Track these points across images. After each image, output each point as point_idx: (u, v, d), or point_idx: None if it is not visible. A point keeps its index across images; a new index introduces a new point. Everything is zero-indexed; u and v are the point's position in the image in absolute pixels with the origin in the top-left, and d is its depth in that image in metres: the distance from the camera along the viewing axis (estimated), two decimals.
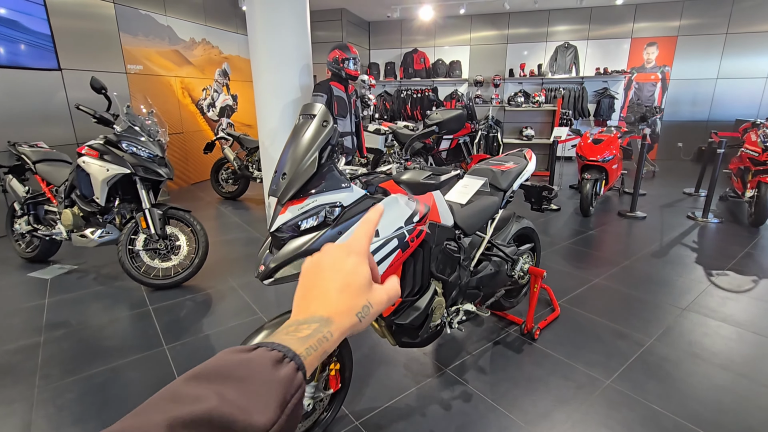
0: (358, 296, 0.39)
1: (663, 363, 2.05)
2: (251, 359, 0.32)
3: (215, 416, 0.27)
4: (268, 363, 0.32)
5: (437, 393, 1.87)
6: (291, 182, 1.25)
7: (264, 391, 0.30)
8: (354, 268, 0.41)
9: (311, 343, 0.35)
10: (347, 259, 0.41)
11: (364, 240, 0.43)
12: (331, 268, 0.41)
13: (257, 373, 0.31)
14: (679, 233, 3.99)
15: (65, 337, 2.30)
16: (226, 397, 0.28)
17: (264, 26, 3.31)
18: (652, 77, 7.95)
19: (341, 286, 0.39)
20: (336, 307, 0.38)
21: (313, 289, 0.40)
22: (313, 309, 0.38)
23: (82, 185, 2.77)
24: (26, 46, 4.03)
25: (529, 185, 2.31)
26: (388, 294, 0.42)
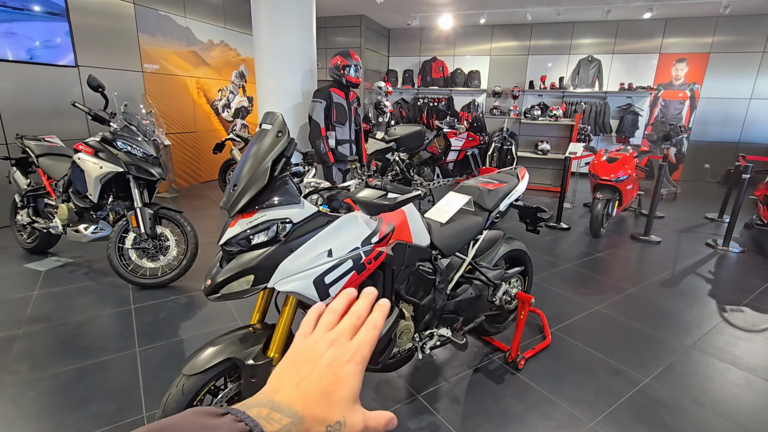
0: (338, 407, 0.36)
1: (656, 407, 1.88)
2: (215, 428, 0.30)
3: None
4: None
5: (404, 421, 1.76)
6: (240, 195, 1.19)
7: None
8: (347, 377, 0.37)
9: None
10: (345, 365, 0.37)
11: (368, 349, 0.39)
12: (327, 365, 0.37)
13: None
14: (694, 261, 3.75)
15: (43, 332, 2.30)
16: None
17: (269, 31, 3.30)
18: (680, 95, 7.63)
19: (327, 389, 0.36)
20: (312, 409, 0.35)
21: (299, 373, 0.37)
22: (294, 398, 0.35)
23: (77, 181, 2.80)
24: (45, 43, 4.15)
25: (522, 205, 2.19)
26: (365, 424, 0.37)
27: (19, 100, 4.01)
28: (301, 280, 1.21)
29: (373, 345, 0.40)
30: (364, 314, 0.42)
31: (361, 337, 0.40)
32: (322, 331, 0.41)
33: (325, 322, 0.41)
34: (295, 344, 0.41)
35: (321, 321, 0.42)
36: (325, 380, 0.36)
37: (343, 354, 0.38)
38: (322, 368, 0.37)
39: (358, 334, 0.40)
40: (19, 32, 3.92)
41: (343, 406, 0.36)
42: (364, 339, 0.40)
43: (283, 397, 0.35)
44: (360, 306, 0.42)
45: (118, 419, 1.71)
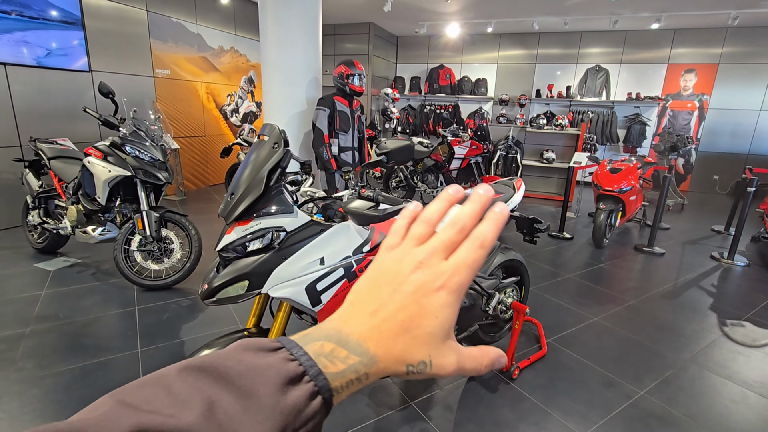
0: (421, 345, 0.30)
1: (649, 420, 1.88)
2: (262, 369, 0.26)
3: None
4: (280, 379, 0.26)
5: (396, 428, 1.78)
6: (236, 203, 1.23)
7: (262, 414, 0.25)
8: (436, 309, 0.30)
9: (341, 382, 0.28)
10: (435, 293, 0.30)
11: (467, 273, 0.31)
12: (411, 292, 0.30)
13: (265, 391, 0.26)
14: (698, 274, 3.72)
15: (49, 331, 2.37)
16: (216, 408, 0.24)
17: (275, 39, 3.38)
18: (689, 105, 7.58)
19: (408, 322, 0.30)
20: (388, 346, 0.29)
21: (378, 299, 0.31)
22: (367, 331, 0.29)
23: (86, 184, 2.88)
24: (60, 49, 4.28)
25: (518, 216, 2.21)
26: (459, 365, 0.31)
27: (33, 103, 4.14)
28: (294, 286, 1.25)
29: (475, 267, 0.31)
30: (468, 225, 0.32)
31: (459, 257, 0.31)
32: (410, 245, 0.32)
33: (416, 234, 0.33)
34: (377, 259, 0.33)
35: (412, 231, 0.33)
36: (406, 311, 0.30)
37: (433, 278, 0.30)
38: (404, 295, 0.30)
39: (457, 252, 0.31)
40: (34, 39, 4.06)
41: (428, 343, 0.30)
42: (463, 260, 0.31)
43: (354, 329, 0.30)
44: (465, 213, 0.32)
45: None
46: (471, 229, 0.31)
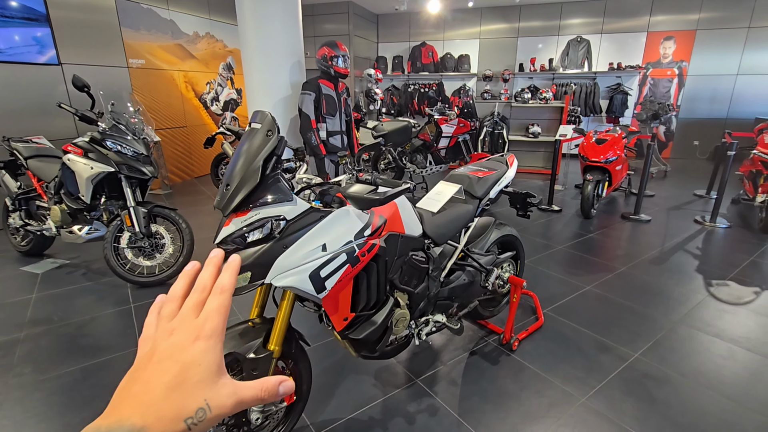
0: (192, 395, 0.31)
1: (644, 381, 1.96)
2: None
3: None
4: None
5: (403, 405, 1.82)
6: (233, 194, 1.21)
7: None
8: (198, 357, 0.32)
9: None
10: (192, 346, 0.32)
11: (218, 317, 0.34)
12: (168, 356, 0.32)
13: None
14: (683, 238, 3.83)
15: (45, 334, 2.33)
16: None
17: (254, 23, 3.27)
18: (668, 73, 7.65)
19: (173, 382, 0.30)
20: (157, 411, 0.29)
21: (137, 383, 0.31)
22: (126, 412, 0.29)
23: (68, 183, 2.79)
24: (26, 42, 4.07)
25: (512, 191, 2.23)
26: (239, 397, 0.32)
27: (1, 100, 3.95)
28: (297, 275, 1.24)
29: (224, 311, 0.34)
30: (209, 284, 0.36)
31: (207, 308, 0.34)
32: (163, 324, 0.34)
33: (165, 314, 0.35)
34: (138, 354, 0.34)
35: (161, 313, 0.36)
36: (169, 373, 0.31)
37: (187, 335, 0.33)
38: (162, 362, 0.31)
39: (205, 306, 0.34)
40: None
41: (201, 389, 0.31)
42: (211, 309, 0.34)
43: (121, 413, 0.29)
44: (204, 277, 0.37)
45: None
46: (212, 286, 0.36)
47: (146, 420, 0.29)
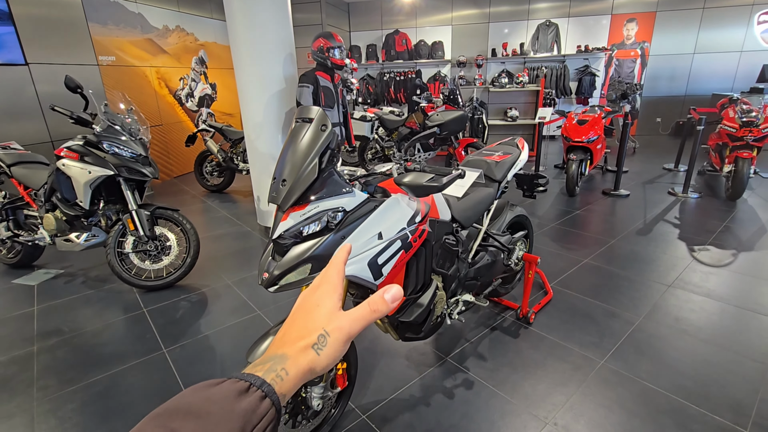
0: (315, 328, 0.39)
1: (652, 340, 2.14)
2: (213, 394, 0.33)
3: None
4: (231, 395, 0.33)
5: (440, 382, 1.92)
6: (292, 189, 1.24)
7: (222, 424, 0.31)
8: (318, 299, 0.41)
9: (270, 377, 0.36)
10: (314, 293, 0.42)
11: (334, 271, 0.44)
12: (302, 307, 0.42)
13: (217, 407, 0.32)
14: (661, 210, 4.11)
15: (59, 346, 2.26)
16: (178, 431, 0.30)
17: (243, 15, 3.19)
18: (632, 53, 8.02)
19: (304, 323, 0.40)
20: (294, 342, 0.39)
21: (287, 330, 0.41)
22: (279, 344, 0.39)
23: (63, 189, 2.68)
24: None
25: (521, 173, 2.34)
26: (350, 318, 0.40)
27: None
28: (357, 263, 1.29)
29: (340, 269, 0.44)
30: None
31: (329, 265, 0.45)
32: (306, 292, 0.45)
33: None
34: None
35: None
36: (301, 319, 0.41)
37: (311, 290, 0.43)
38: (300, 312, 0.42)
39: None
40: None
41: (320, 324, 0.39)
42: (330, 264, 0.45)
43: (275, 348, 0.40)
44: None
45: None
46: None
47: (285, 349, 0.38)
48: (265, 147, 3.52)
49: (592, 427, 1.64)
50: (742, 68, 7.58)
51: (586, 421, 1.67)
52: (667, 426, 1.63)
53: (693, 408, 1.71)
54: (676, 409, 1.70)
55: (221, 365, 2.07)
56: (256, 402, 0.34)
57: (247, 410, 0.33)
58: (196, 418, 0.31)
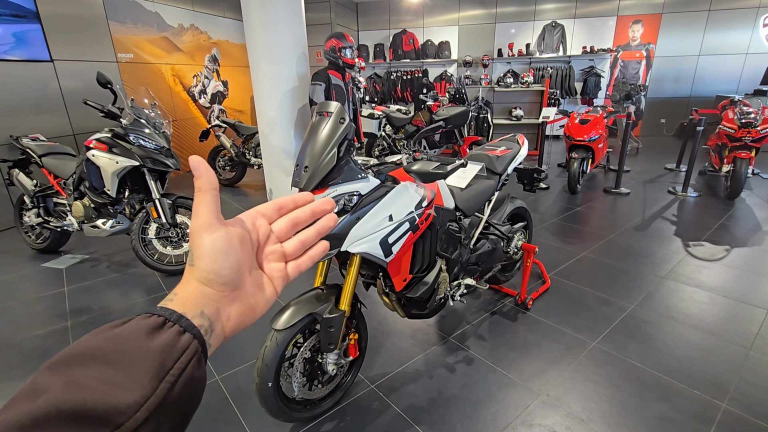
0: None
1: (642, 325, 2.29)
2: (119, 334, 0.29)
3: (63, 407, 0.24)
4: (142, 333, 0.30)
5: (442, 358, 2.08)
6: (313, 175, 1.40)
7: (131, 364, 0.28)
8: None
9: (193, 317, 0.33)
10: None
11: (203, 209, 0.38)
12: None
13: (126, 347, 0.29)
14: (660, 207, 4.23)
15: (91, 322, 2.45)
16: (77, 382, 0.26)
17: (260, 16, 3.36)
18: (637, 55, 8.11)
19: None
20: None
21: None
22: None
23: (92, 178, 2.86)
24: (17, 39, 4.00)
25: (521, 168, 2.48)
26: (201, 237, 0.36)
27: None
28: (370, 242, 1.45)
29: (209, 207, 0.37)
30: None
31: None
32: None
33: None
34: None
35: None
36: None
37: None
38: None
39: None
40: None
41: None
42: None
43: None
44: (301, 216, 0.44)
45: None
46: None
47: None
48: (278, 142, 3.70)
49: (581, 398, 1.79)
50: (747, 70, 7.65)
51: (576, 393, 1.82)
52: (650, 398, 1.77)
53: (675, 384, 1.85)
54: (660, 385, 1.85)
55: (240, 342, 2.25)
56: (174, 336, 0.30)
57: (164, 346, 0.29)
58: (101, 362, 0.27)
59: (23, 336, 2.33)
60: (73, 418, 0.24)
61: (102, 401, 0.25)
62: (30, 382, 0.27)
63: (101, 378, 0.27)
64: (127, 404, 0.26)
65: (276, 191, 3.92)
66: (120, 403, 0.26)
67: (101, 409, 0.25)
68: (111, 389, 0.26)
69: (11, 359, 2.13)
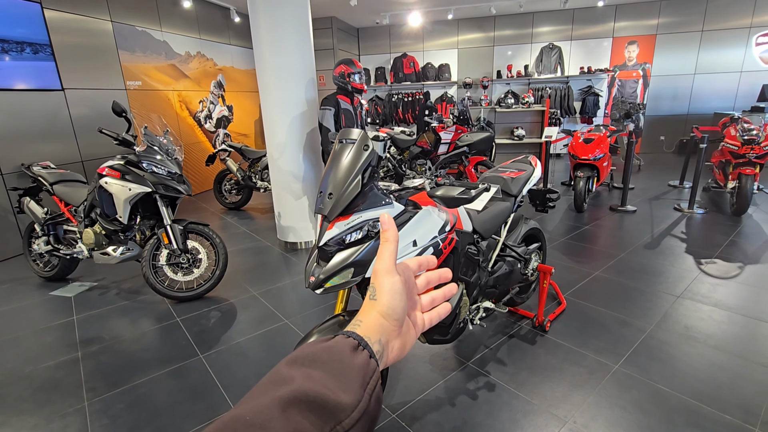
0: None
1: (663, 347, 2.25)
2: (331, 346, 0.36)
3: (308, 394, 0.31)
4: (347, 350, 0.36)
5: (463, 385, 2.03)
6: (338, 202, 1.40)
7: (345, 373, 0.34)
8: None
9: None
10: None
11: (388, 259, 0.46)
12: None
13: (337, 358, 0.35)
14: (668, 225, 4.23)
15: (101, 351, 2.41)
16: (312, 377, 0.33)
17: (270, 43, 3.44)
18: (634, 74, 8.27)
19: None
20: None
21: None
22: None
23: (104, 205, 2.86)
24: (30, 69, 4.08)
25: (534, 189, 2.49)
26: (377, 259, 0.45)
27: (7, 128, 3.93)
28: None
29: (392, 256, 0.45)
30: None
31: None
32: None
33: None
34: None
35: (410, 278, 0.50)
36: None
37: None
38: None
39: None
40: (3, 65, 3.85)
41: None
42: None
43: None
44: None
45: (211, 415, 1.88)
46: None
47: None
48: (288, 165, 3.72)
49: (609, 425, 1.74)
50: (743, 88, 7.79)
51: (603, 419, 1.77)
52: (680, 424, 1.73)
53: (704, 408, 1.81)
54: (688, 409, 1.80)
55: (257, 370, 2.20)
56: (366, 359, 0.37)
57: (362, 365, 0.36)
58: (321, 365, 0.34)
59: (33, 367, 2.28)
60: (314, 405, 0.31)
61: (332, 397, 0.32)
62: (273, 373, 0.34)
63: (324, 378, 0.33)
64: (347, 404, 0.32)
65: (284, 214, 3.92)
66: (342, 402, 0.32)
67: (331, 404, 0.31)
68: (333, 389, 0.32)
69: (21, 392, 2.08)
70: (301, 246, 3.98)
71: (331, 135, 3.26)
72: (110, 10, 4.90)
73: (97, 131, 2.87)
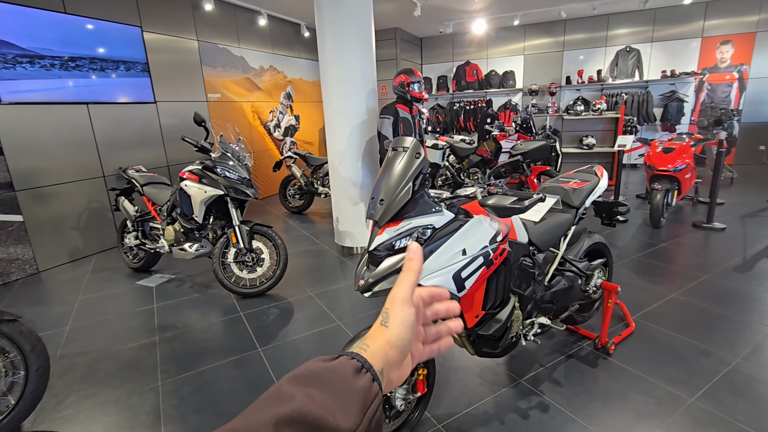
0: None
1: (753, 383, 1.99)
2: (334, 367, 0.36)
3: (307, 416, 0.31)
4: (349, 372, 0.36)
5: (514, 402, 1.95)
6: (388, 208, 1.43)
7: (346, 395, 0.34)
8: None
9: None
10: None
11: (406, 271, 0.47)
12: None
13: (339, 379, 0.35)
14: (765, 246, 3.73)
15: (175, 338, 2.65)
16: (313, 397, 0.32)
17: (333, 55, 3.61)
18: (728, 77, 7.43)
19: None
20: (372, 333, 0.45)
21: None
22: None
23: (183, 205, 3.17)
24: (131, 85, 4.66)
25: (600, 201, 2.34)
26: (396, 286, 0.45)
27: (110, 136, 4.51)
28: (442, 276, 1.43)
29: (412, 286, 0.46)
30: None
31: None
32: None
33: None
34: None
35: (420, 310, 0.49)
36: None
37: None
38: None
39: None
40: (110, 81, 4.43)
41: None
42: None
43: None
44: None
45: None
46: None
47: (367, 338, 0.43)
48: (347, 172, 3.85)
49: None
50: None
51: None
52: None
53: None
54: None
55: None
56: (369, 382, 0.37)
57: (364, 389, 0.36)
58: (324, 384, 0.34)
59: (120, 347, 2.58)
60: (312, 427, 0.31)
61: (331, 421, 0.32)
62: (275, 388, 0.34)
63: (324, 399, 0.33)
64: (345, 428, 0.32)
65: (342, 219, 4.05)
66: (340, 427, 0.32)
67: (329, 428, 0.31)
68: (333, 412, 0.32)
69: (109, 368, 2.36)
70: (356, 250, 4.08)
71: (386, 143, 3.32)
72: (197, 30, 5.45)
73: (180, 139, 3.20)
